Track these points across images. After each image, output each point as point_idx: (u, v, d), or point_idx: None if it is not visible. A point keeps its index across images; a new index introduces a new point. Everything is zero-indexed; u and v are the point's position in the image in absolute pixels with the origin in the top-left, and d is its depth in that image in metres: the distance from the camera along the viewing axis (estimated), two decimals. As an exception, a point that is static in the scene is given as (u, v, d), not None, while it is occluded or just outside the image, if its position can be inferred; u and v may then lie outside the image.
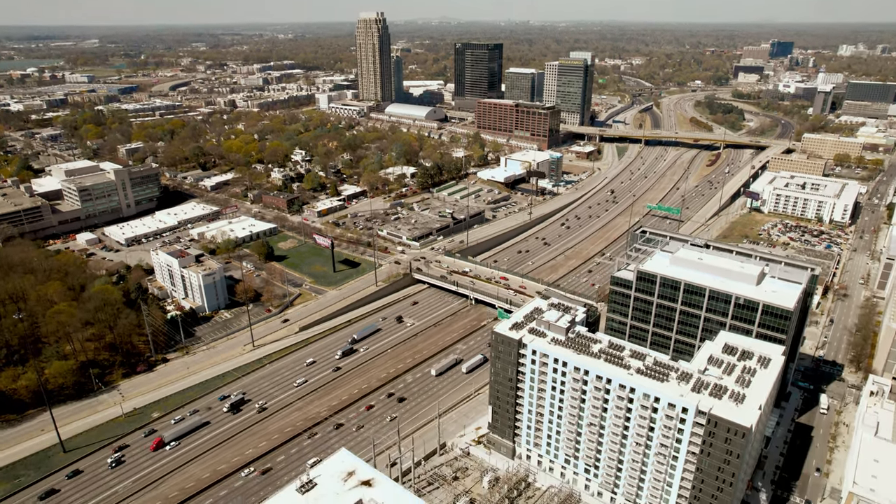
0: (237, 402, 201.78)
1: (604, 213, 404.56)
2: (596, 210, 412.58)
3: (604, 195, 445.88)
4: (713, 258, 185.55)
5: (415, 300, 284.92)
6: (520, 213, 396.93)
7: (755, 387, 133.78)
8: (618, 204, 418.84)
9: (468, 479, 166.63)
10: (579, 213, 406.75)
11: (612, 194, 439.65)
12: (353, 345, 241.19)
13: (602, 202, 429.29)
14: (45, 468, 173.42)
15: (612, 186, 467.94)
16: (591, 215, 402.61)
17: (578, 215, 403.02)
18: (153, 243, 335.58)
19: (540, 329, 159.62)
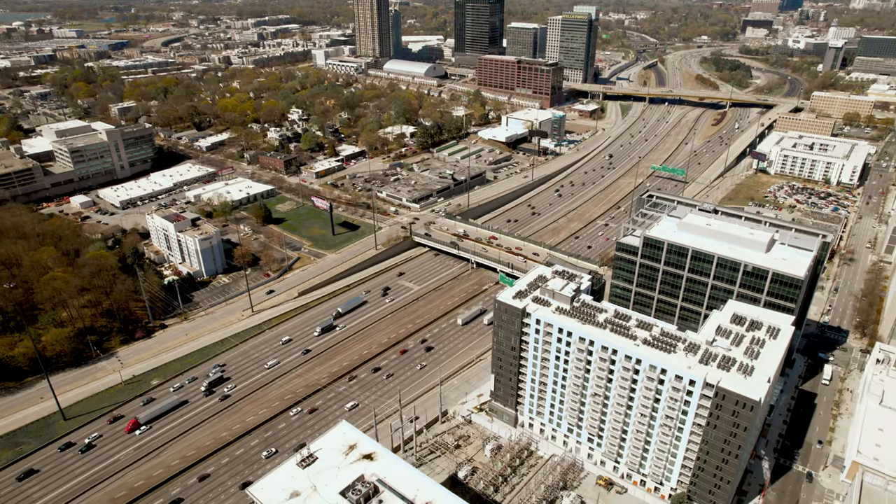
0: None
1: (607, 175, 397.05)
2: (598, 171, 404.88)
3: (613, 150, 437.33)
4: (722, 224, 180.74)
5: (415, 263, 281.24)
6: (521, 173, 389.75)
7: (764, 358, 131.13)
8: (615, 169, 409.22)
9: (470, 447, 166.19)
10: (582, 175, 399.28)
11: (610, 158, 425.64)
12: (337, 320, 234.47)
13: (605, 164, 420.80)
14: (46, 436, 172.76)
15: (616, 146, 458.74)
16: (593, 177, 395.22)
17: (581, 176, 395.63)
18: (149, 206, 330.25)
19: (544, 298, 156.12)
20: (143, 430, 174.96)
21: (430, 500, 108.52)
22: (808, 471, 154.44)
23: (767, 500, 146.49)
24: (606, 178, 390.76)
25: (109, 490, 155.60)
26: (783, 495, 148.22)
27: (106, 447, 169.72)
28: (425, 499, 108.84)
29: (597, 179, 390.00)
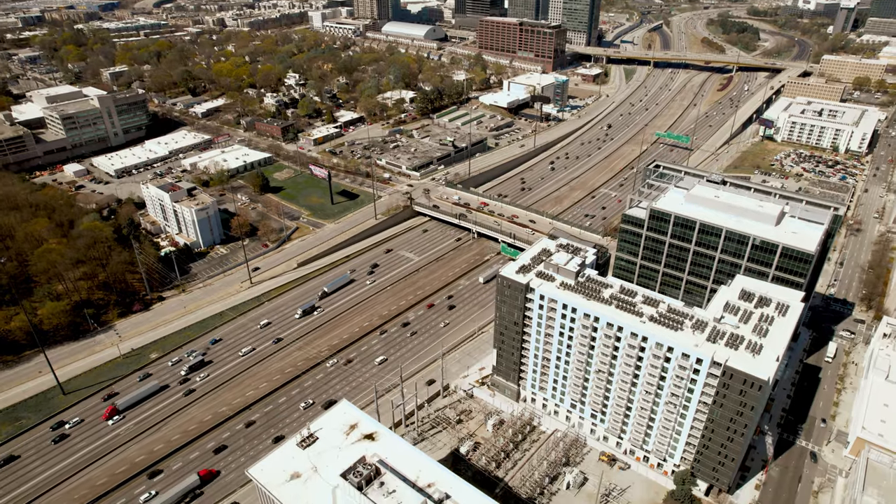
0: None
1: (610, 142, 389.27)
2: (602, 138, 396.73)
3: (612, 120, 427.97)
4: (730, 196, 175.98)
5: (415, 233, 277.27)
6: (523, 140, 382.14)
7: (772, 336, 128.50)
8: (619, 137, 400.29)
9: (472, 421, 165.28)
10: (585, 141, 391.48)
11: (608, 129, 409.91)
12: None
13: (604, 135, 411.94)
14: (46, 410, 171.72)
15: (618, 114, 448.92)
16: (596, 144, 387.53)
17: (584, 143, 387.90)
18: (144, 175, 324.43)
19: (548, 272, 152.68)
20: (118, 419, 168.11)
21: (432, 482, 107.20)
22: (812, 450, 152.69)
23: (770, 476, 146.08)
24: (610, 146, 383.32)
25: (110, 465, 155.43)
26: (786, 471, 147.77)
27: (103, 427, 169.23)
28: (427, 480, 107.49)
29: (600, 147, 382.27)
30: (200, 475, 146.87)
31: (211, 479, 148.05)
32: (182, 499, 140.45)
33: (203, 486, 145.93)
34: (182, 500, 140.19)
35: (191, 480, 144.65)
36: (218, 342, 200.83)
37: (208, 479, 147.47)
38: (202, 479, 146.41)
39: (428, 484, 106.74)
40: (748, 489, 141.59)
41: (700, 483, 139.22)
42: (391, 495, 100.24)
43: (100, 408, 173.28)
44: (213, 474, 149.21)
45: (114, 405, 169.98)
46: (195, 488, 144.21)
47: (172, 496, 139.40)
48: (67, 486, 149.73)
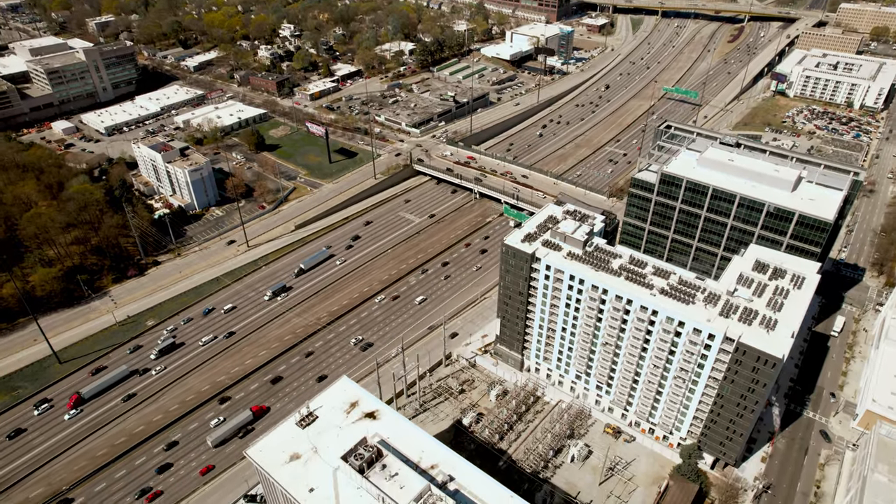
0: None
1: (616, 97, 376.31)
2: (607, 94, 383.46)
3: (619, 74, 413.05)
4: (745, 160, 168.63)
5: (415, 193, 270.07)
6: (527, 94, 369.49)
7: (788, 311, 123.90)
8: (620, 95, 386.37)
9: (475, 391, 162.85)
10: (590, 96, 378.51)
11: (606, 89, 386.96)
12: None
13: (614, 84, 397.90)
14: (43, 380, 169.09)
15: (626, 65, 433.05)
16: (604, 98, 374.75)
17: (589, 98, 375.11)
18: (135, 132, 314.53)
19: (555, 241, 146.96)
20: (74, 413, 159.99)
21: (435, 462, 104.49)
22: (823, 430, 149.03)
23: (777, 448, 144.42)
24: (616, 101, 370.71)
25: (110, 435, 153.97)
26: (792, 443, 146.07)
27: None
28: (430, 461, 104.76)
29: (607, 102, 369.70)
30: (253, 410, 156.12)
31: (262, 414, 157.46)
32: (238, 431, 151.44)
33: (255, 421, 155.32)
34: (238, 432, 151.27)
35: (245, 415, 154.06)
36: (210, 312, 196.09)
37: (260, 415, 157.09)
38: (254, 414, 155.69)
39: (431, 465, 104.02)
40: (754, 461, 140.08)
41: (706, 456, 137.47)
42: (393, 479, 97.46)
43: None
44: (264, 410, 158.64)
45: (78, 393, 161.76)
46: (249, 422, 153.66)
47: (231, 427, 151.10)
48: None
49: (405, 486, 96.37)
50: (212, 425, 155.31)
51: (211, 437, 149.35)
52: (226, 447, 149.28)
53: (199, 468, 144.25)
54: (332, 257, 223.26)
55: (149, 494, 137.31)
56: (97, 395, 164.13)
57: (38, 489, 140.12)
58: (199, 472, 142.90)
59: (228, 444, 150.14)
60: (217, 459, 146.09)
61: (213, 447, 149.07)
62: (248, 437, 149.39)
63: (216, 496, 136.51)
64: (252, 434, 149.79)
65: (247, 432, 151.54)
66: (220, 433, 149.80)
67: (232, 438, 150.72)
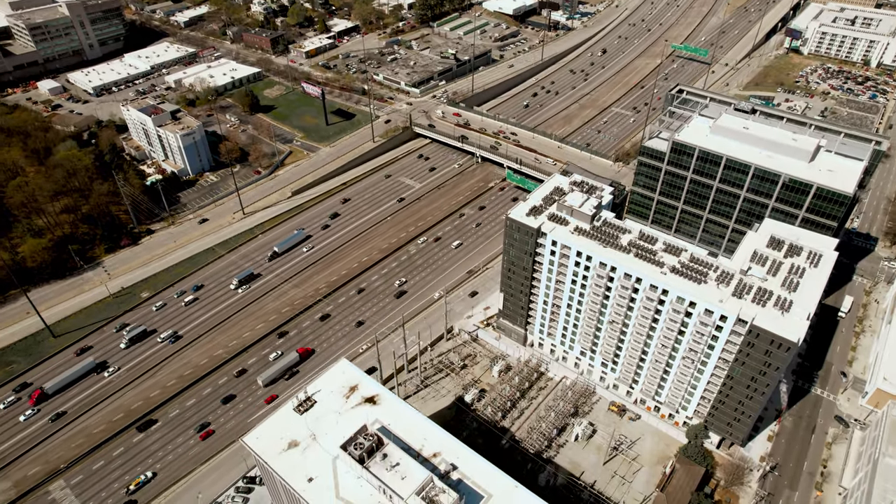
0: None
1: (622, 55, 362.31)
2: (613, 51, 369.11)
3: (624, 30, 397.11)
4: (761, 128, 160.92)
5: (415, 157, 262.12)
6: (530, 51, 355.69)
7: (803, 291, 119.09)
8: (625, 53, 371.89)
9: (477, 367, 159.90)
10: (595, 53, 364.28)
11: (603, 55, 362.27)
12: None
13: (619, 41, 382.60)
14: (37, 355, 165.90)
15: (632, 20, 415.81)
16: (610, 55, 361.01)
17: (594, 55, 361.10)
18: (125, 92, 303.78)
19: (561, 215, 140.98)
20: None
21: (437, 451, 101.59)
22: (838, 415, 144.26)
23: (783, 426, 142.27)
24: (623, 59, 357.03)
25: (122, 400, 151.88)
26: (800, 421, 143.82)
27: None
28: (432, 448, 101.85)
29: (612, 60, 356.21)
30: (299, 352, 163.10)
31: (308, 356, 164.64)
32: (286, 372, 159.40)
33: (301, 363, 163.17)
34: (286, 373, 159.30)
35: (292, 357, 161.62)
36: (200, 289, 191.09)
37: (306, 356, 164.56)
38: (301, 356, 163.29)
39: (433, 454, 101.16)
40: (760, 440, 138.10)
41: (712, 435, 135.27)
42: (394, 469, 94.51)
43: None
44: (310, 352, 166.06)
45: (41, 389, 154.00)
46: (295, 364, 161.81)
47: (279, 368, 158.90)
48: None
49: (407, 477, 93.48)
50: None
51: (261, 377, 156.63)
52: (276, 385, 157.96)
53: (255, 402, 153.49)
54: (308, 238, 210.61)
55: (207, 429, 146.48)
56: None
57: (133, 404, 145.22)
58: (265, 400, 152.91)
59: (277, 383, 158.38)
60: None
61: (264, 386, 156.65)
62: (293, 378, 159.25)
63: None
64: (297, 375, 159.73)
65: (293, 374, 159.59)
66: (269, 373, 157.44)
67: (280, 379, 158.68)
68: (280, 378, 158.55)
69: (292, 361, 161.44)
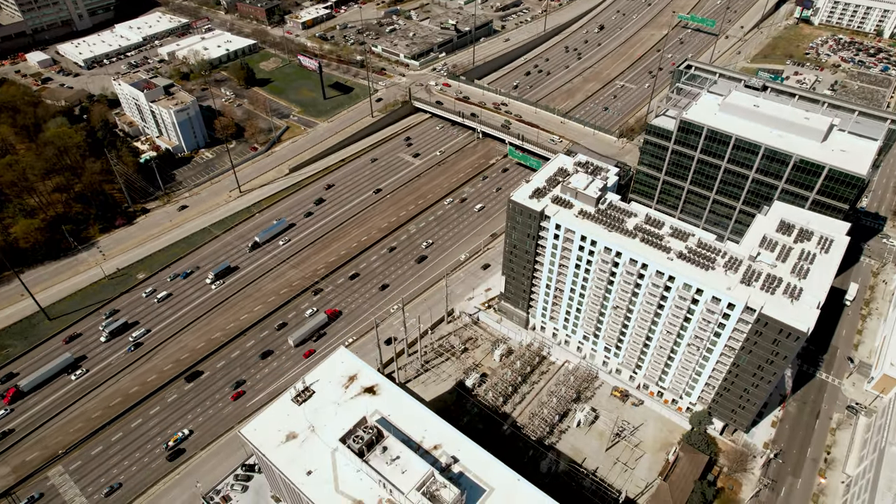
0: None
1: (627, 25, 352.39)
2: (618, 21, 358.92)
3: (595, 28, 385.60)
4: (772, 106, 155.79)
5: (415, 133, 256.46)
6: (533, 22, 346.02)
7: (813, 278, 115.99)
8: (632, 23, 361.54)
9: (478, 350, 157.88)
10: (600, 23, 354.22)
11: (600, 31, 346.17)
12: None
13: (627, 10, 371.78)
14: (32, 338, 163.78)
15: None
16: (616, 25, 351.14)
17: (600, 25, 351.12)
18: (117, 65, 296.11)
19: (565, 198, 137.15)
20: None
21: (438, 443, 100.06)
22: (851, 402, 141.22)
23: (787, 412, 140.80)
24: (627, 29, 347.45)
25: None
26: (804, 406, 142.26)
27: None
28: (433, 441, 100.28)
29: (617, 30, 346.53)
30: (328, 314, 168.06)
31: (335, 317, 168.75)
32: (314, 332, 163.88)
33: (330, 324, 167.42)
34: (314, 333, 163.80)
35: (320, 318, 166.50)
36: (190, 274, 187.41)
37: (334, 317, 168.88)
38: (329, 317, 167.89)
39: (434, 446, 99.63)
40: (764, 426, 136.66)
41: (715, 421, 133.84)
42: (395, 462, 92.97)
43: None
44: (338, 313, 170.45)
45: (16, 387, 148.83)
46: (324, 325, 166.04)
47: (309, 329, 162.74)
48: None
49: (407, 471, 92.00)
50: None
51: (292, 337, 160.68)
52: (305, 346, 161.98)
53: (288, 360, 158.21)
54: (292, 227, 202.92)
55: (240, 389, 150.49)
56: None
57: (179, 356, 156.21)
58: (303, 354, 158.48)
59: (307, 343, 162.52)
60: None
61: (295, 346, 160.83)
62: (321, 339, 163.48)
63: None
64: (324, 337, 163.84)
65: (320, 336, 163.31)
66: (299, 334, 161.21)
67: (309, 339, 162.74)
68: (309, 339, 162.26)
69: (321, 322, 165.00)
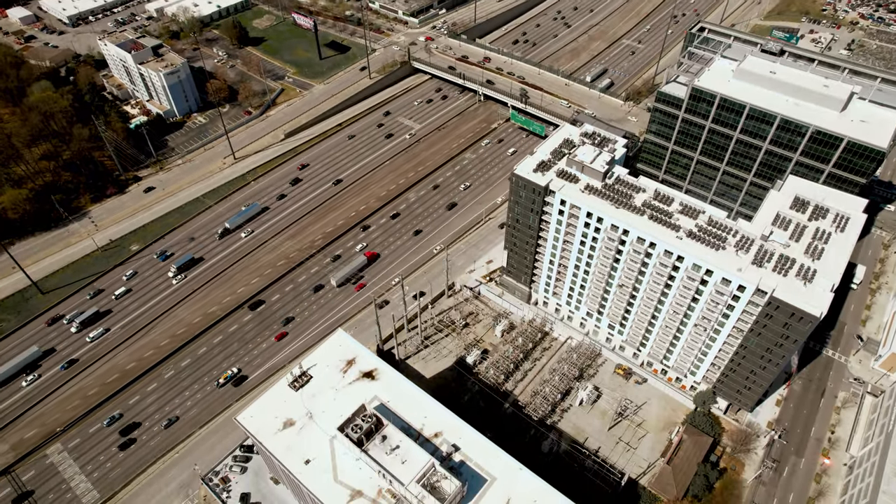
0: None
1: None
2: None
3: None
4: (789, 72, 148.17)
5: (414, 95, 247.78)
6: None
7: (828, 259, 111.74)
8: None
9: (479, 325, 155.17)
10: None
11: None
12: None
13: None
14: (25, 313, 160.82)
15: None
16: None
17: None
18: (103, 22, 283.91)
19: (571, 171, 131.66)
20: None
21: (438, 430, 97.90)
22: (870, 386, 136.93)
23: (793, 390, 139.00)
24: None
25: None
26: (809, 384, 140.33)
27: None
28: (433, 428, 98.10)
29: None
30: (367, 256, 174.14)
31: (374, 259, 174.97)
32: (355, 273, 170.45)
33: (369, 265, 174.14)
34: (355, 274, 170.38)
35: (361, 259, 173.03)
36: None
37: (373, 259, 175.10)
38: (368, 259, 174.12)
39: (435, 433, 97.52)
40: (768, 405, 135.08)
41: (719, 400, 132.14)
42: (394, 452, 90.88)
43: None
44: (376, 255, 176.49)
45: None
46: (363, 266, 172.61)
47: (351, 269, 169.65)
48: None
49: (407, 461, 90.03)
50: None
51: (334, 278, 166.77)
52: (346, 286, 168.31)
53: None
54: (265, 210, 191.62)
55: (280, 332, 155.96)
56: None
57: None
58: (356, 288, 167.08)
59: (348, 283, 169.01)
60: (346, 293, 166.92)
61: (337, 286, 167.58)
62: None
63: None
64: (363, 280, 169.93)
65: (359, 278, 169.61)
66: (341, 274, 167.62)
67: (350, 280, 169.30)
68: (351, 279, 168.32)
69: (361, 264, 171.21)
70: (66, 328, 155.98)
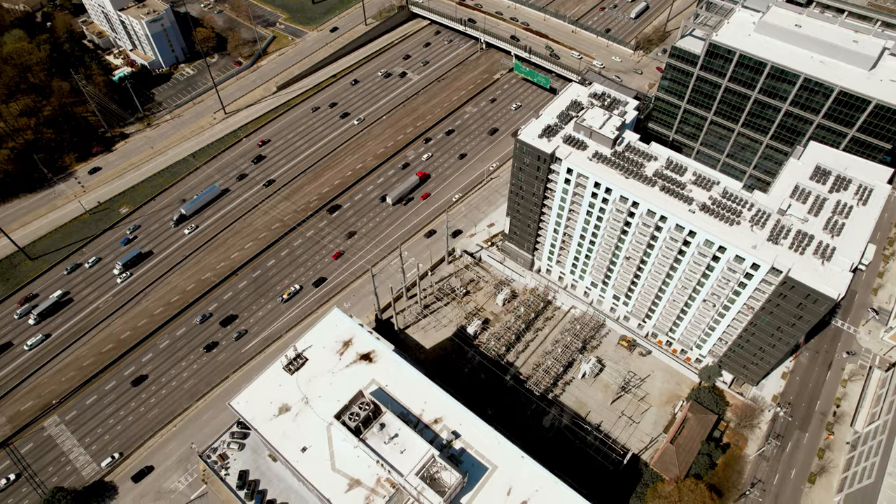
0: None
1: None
2: None
3: None
4: (816, 24, 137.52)
5: (413, 42, 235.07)
6: None
7: (848, 236, 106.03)
8: None
9: (480, 293, 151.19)
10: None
11: None
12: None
13: None
14: (14, 280, 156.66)
15: None
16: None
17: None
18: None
19: (579, 137, 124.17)
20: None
21: (438, 416, 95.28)
22: (878, 359, 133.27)
23: (799, 362, 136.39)
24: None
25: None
26: (816, 356, 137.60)
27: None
28: (433, 413, 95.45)
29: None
30: (419, 175, 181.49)
31: (426, 179, 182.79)
32: (410, 191, 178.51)
33: (421, 184, 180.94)
34: (409, 192, 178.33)
35: (413, 179, 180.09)
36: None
37: (424, 179, 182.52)
38: (420, 178, 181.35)
39: (434, 419, 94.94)
40: (774, 378, 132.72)
41: (724, 373, 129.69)
42: (393, 440, 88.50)
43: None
44: (426, 176, 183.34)
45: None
46: (417, 185, 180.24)
47: (406, 187, 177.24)
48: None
49: (406, 451, 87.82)
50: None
51: (390, 196, 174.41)
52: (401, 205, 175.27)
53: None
54: (225, 192, 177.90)
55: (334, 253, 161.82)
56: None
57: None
58: (421, 197, 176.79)
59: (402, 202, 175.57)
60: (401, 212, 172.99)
61: (392, 205, 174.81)
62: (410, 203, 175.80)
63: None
64: (413, 202, 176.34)
65: (408, 201, 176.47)
66: (396, 192, 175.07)
67: (405, 197, 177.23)
68: (406, 196, 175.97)
69: (414, 183, 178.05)
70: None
